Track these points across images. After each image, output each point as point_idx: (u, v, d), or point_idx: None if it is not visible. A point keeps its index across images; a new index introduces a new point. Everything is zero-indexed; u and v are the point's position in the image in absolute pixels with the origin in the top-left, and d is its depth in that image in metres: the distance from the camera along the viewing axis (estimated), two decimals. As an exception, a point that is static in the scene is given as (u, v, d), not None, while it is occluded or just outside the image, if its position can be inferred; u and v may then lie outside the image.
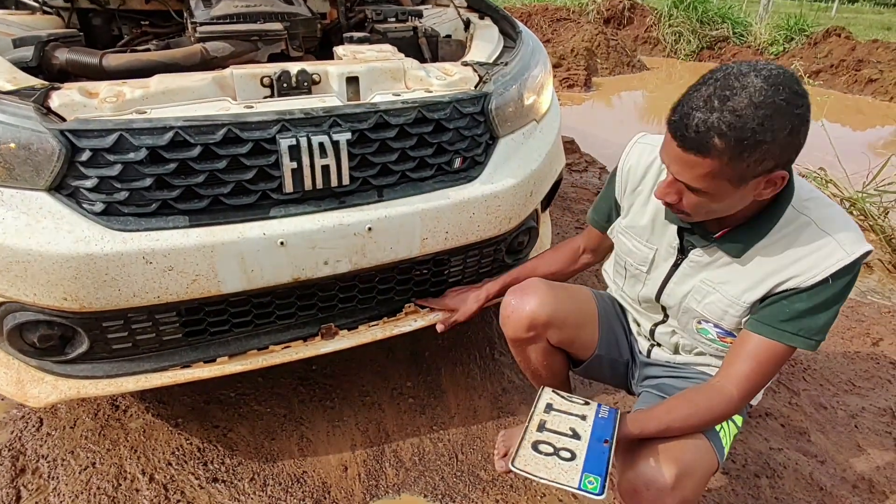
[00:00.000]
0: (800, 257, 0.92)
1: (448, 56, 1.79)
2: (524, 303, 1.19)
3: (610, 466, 0.90)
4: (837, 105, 6.27)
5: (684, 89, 0.87)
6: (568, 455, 0.91)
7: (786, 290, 0.94)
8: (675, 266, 1.07)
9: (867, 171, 3.17)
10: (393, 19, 1.73)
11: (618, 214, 1.18)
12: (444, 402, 1.69)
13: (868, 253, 0.91)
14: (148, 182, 1.10)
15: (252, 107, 1.20)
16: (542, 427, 0.96)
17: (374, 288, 1.41)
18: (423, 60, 1.70)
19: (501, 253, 1.56)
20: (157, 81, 1.20)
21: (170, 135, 1.09)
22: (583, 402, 1.02)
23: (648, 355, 1.25)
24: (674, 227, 1.05)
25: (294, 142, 1.16)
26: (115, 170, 1.08)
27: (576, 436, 0.95)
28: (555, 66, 6.57)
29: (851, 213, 3.20)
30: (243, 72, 1.26)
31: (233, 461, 1.46)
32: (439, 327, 1.44)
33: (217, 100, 1.22)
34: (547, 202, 1.74)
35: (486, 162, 1.43)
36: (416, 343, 1.91)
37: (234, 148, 1.14)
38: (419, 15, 1.78)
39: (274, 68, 1.28)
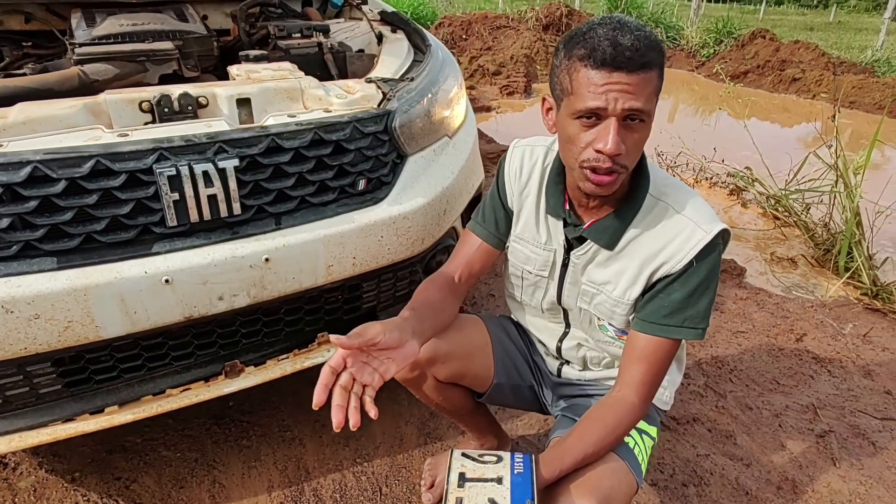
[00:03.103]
0: (665, 243, 0.94)
1: (360, 71, 1.73)
2: None
3: None
4: (764, 104, 6.55)
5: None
6: None
7: (660, 280, 0.96)
8: (565, 265, 1.07)
9: (793, 168, 3.27)
10: (298, 35, 1.66)
11: (507, 224, 1.14)
12: (370, 432, 1.62)
13: (725, 231, 0.94)
14: (5, 223, 1.00)
15: (127, 135, 1.11)
16: None
17: (280, 320, 1.33)
18: (329, 77, 1.64)
19: (418, 274, 1.51)
20: (18, 110, 1.10)
21: (27, 170, 0.99)
22: (495, 458, 0.95)
23: (559, 374, 1.22)
24: (560, 224, 1.04)
25: (174, 171, 1.08)
26: (-35, 211, 0.98)
27: None
28: (494, 74, 6.62)
29: (776, 209, 3.32)
30: (118, 97, 1.16)
31: (136, 515, 1.35)
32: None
33: (88, 128, 1.12)
34: (469, 219, 1.70)
35: (394, 182, 1.38)
36: (342, 369, 1.83)
37: (104, 181, 1.05)
38: (325, 30, 1.72)
39: (153, 92, 1.19)
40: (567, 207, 1.03)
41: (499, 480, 0.89)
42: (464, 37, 8.56)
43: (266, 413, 1.65)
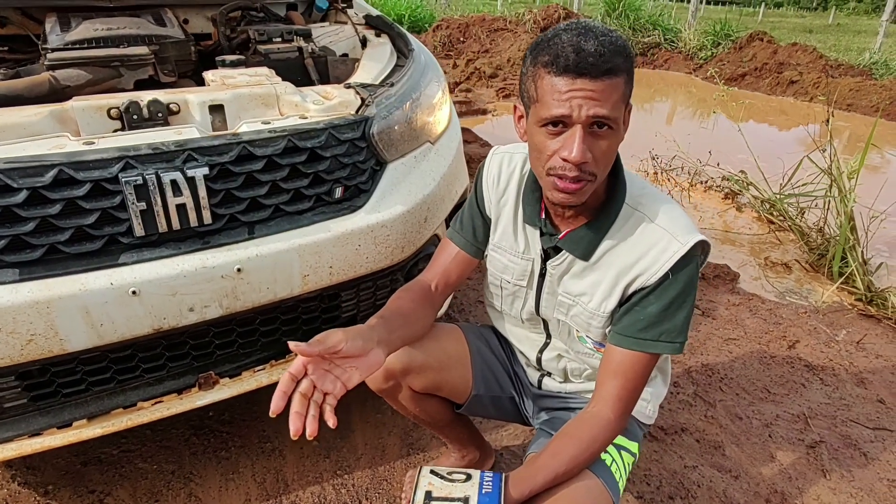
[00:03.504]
0: (641, 255, 0.92)
1: (343, 76, 1.71)
2: None
3: None
4: (762, 107, 6.52)
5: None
6: None
7: (635, 292, 0.93)
8: (543, 275, 1.04)
9: (790, 171, 3.23)
10: (278, 39, 1.63)
11: (486, 232, 1.12)
12: (352, 443, 1.59)
13: (703, 243, 0.91)
14: (-36, 234, 0.97)
15: (93, 143, 1.08)
16: None
17: (255, 330, 1.31)
18: (310, 82, 1.61)
19: (399, 283, 1.48)
20: (-20, 118, 1.07)
21: (-14, 179, 0.97)
22: (464, 476, 0.92)
23: (539, 386, 1.19)
24: (537, 233, 1.02)
25: (140, 180, 1.05)
26: (-78, 222, 0.95)
27: None
28: (491, 77, 6.60)
29: (771, 213, 3.28)
30: (85, 104, 1.14)
31: (108, 530, 1.32)
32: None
33: (54, 136, 1.09)
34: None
35: (373, 189, 1.35)
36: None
37: (68, 190, 1.02)
38: (307, 34, 1.69)
39: (122, 98, 1.16)
40: (543, 216, 1.00)
41: (465, 500, 0.87)
42: (461, 39, 8.55)
43: (246, 423, 1.62)
